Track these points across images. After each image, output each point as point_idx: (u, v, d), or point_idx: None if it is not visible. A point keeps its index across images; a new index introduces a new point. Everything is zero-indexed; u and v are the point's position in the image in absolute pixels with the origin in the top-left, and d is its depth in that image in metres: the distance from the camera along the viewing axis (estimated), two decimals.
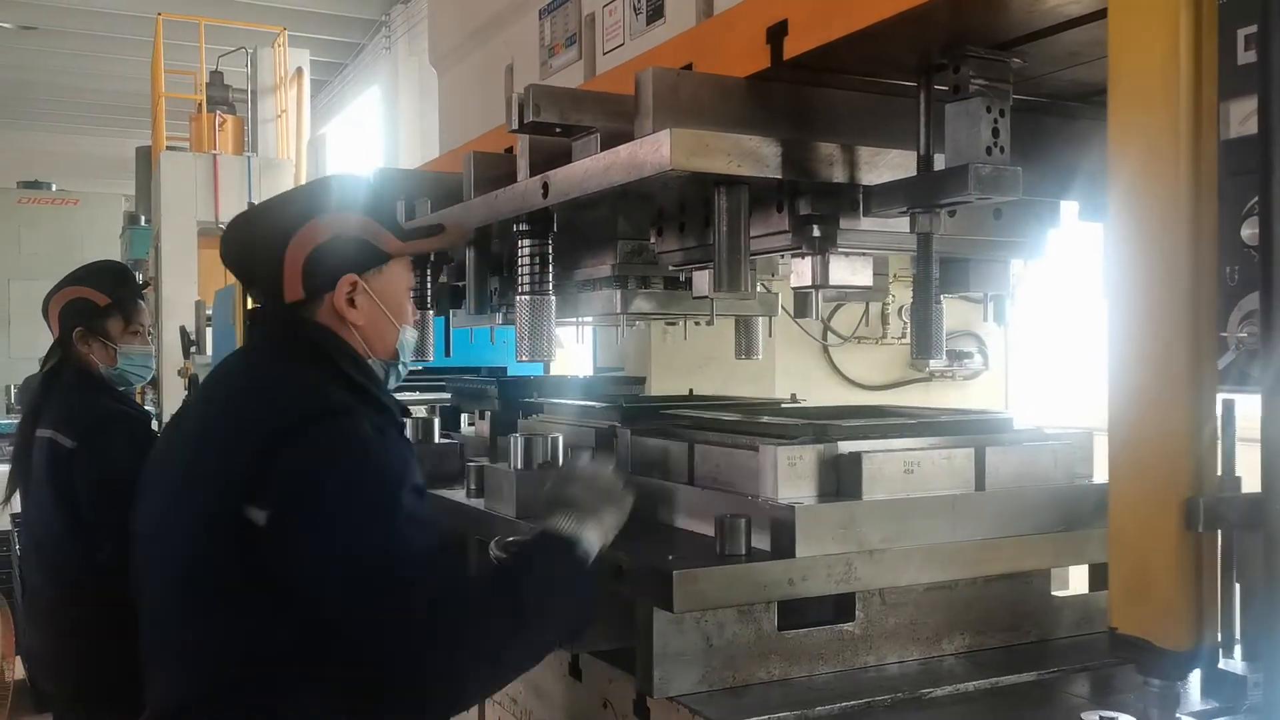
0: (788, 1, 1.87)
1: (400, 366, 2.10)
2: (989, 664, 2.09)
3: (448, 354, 3.51)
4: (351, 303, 1.98)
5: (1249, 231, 1.22)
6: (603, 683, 2.10)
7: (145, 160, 13.71)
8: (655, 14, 2.41)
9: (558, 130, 2.18)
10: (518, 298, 2.40)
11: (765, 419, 2.31)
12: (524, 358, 2.42)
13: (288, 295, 1.96)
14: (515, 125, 2.12)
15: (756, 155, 1.86)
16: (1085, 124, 2.21)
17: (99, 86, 18.52)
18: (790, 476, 2.01)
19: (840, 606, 2.05)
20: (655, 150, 1.80)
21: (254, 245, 2.02)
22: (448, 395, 4.06)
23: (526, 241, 2.38)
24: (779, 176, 1.90)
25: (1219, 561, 1.27)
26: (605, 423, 2.69)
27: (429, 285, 3.15)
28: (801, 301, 2.51)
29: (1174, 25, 1.17)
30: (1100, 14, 1.61)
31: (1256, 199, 1.18)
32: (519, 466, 2.38)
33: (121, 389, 3.61)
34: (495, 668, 1.82)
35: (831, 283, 2.14)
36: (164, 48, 12.95)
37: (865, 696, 1.90)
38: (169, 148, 12.75)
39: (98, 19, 15.39)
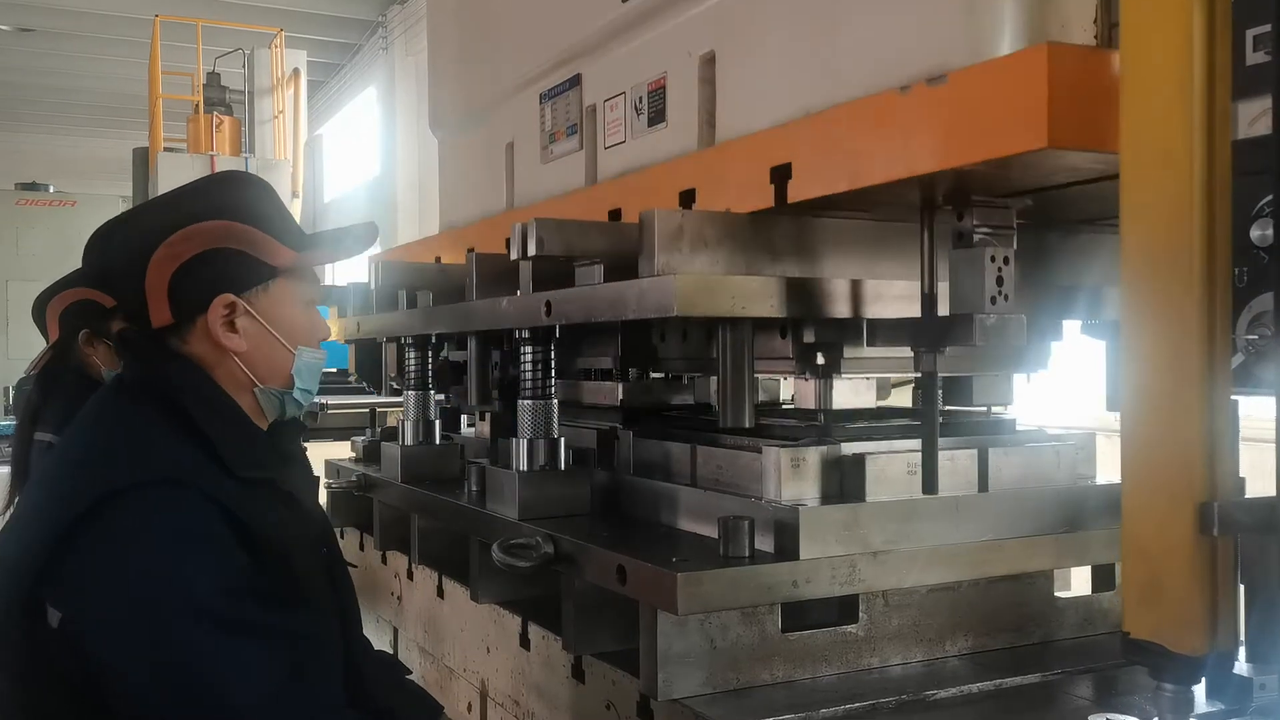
0: (790, 147, 1.87)
1: (299, 394, 1.84)
2: (993, 665, 2.08)
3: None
4: (231, 326, 1.73)
5: (1259, 233, 1.22)
6: (606, 685, 2.10)
7: (143, 161, 13.71)
8: (657, 117, 2.40)
9: (561, 259, 2.20)
10: (520, 401, 2.40)
11: (767, 420, 2.31)
12: (523, 467, 2.37)
13: (154, 319, 1.69)
14: (517, 255, 2.09)
15: (761, 296, 1.87)
16: (1086, 239, 2.22)
17: (96, 88, 18.53)
18: (793, 478, 2.01)
19: (844, 608, 2.05)
20: (660, 295, 1.82)
21: (114, 256, 1.75)
22: None
23: (529, 349, 2.38)
24: (783, 315, 1.92)
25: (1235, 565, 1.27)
26: (607, 424, 2.68)
27: (429, 363, 3.15)
28: None
29: (1187, 27, 1.17)
30: (1109, 176, 1.60)
31: (1266, 200, 1.18)
32: (521, 468, 2.37)
33: None
34: None
35: (834, 407, 2.17)
36: (161, 49, 12.96)
37: (869, 698, 1.90)
38: (166, 149, 12.76)
39: (95, 21, 15.39)
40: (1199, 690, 1.35)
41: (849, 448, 2.06)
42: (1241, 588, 1.59)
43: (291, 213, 1.89)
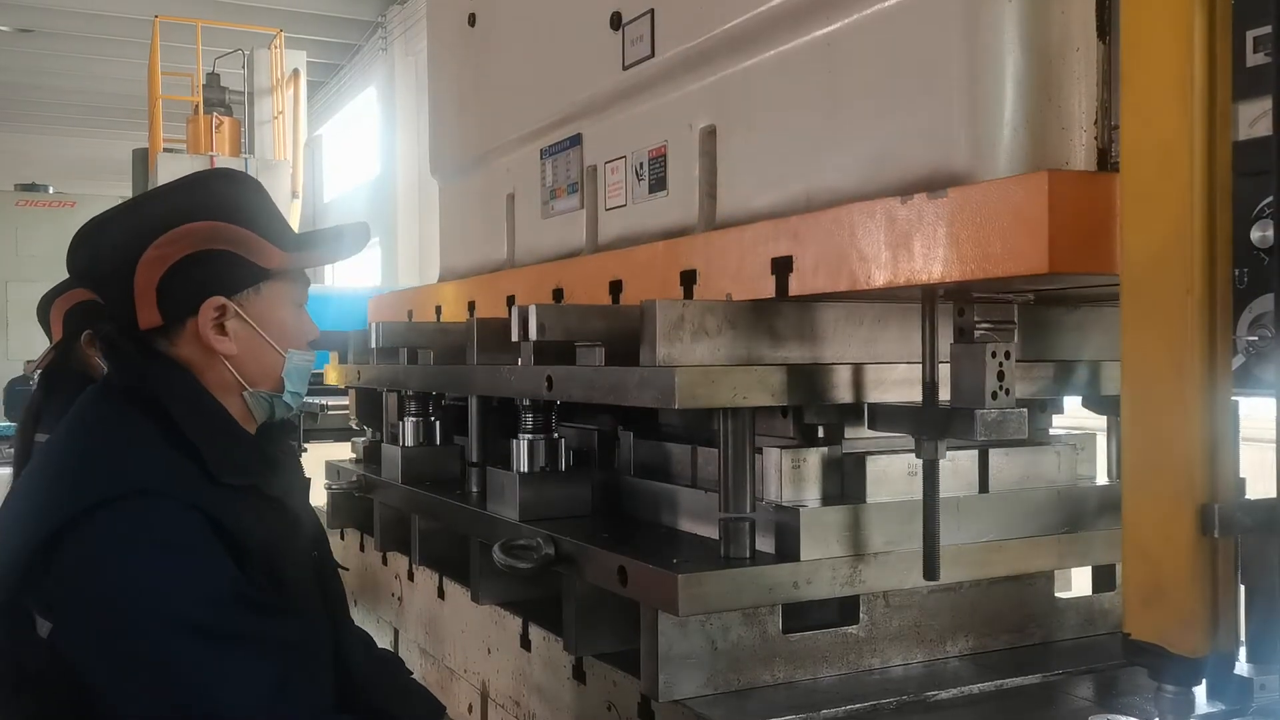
0: (791, 241, 1.85)
1: (289, 396, 1.81)
2: (994, 666, 2.08)
3: None
4: (221, 329, 1.70)
5: (1259, 234, 1.22)
6: (607, 685, 2.10)
7: (142, 162, 13.72)
8: (657, 184, 2.39)
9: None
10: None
11: (768, 420, 2.31)
12: (524, 468, 2.39)
13: (142, 321, 1.66)
14: (518, 338, 2.10)
15: (761, 386, 1.87)
16: (1084, 314, 2.22)
17: (96, 89, 18.54)
18: (794, 479, 2.01)
19: (845, 609, 2.05)
20: (661, 387, 1.83)
21: (102, 256, 1.70)
22: None
23: (530, 416, 2.39)
24: (784, 404, 1.92)
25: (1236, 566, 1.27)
26: (608, 425, 2.68)
27: (434, 414, 3.14)
28: None
29: (1188, 28, 1.17)
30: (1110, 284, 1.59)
31: (1267, 201, 1.18)
32: (522, 469, 2.37)
33: None
34: None
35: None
36: (161, 50, 12.97)
37: (870, 699, 1.90)
38: (166, 149, 12.77)
39: (95, 21, 15.41)
40: (1199, 691, 1.35)
41: (849, 448, 2.06)
42: (1242, 588, 1.60)
43: (281, 212, 1.87)
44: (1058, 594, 2.26)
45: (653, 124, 2.41)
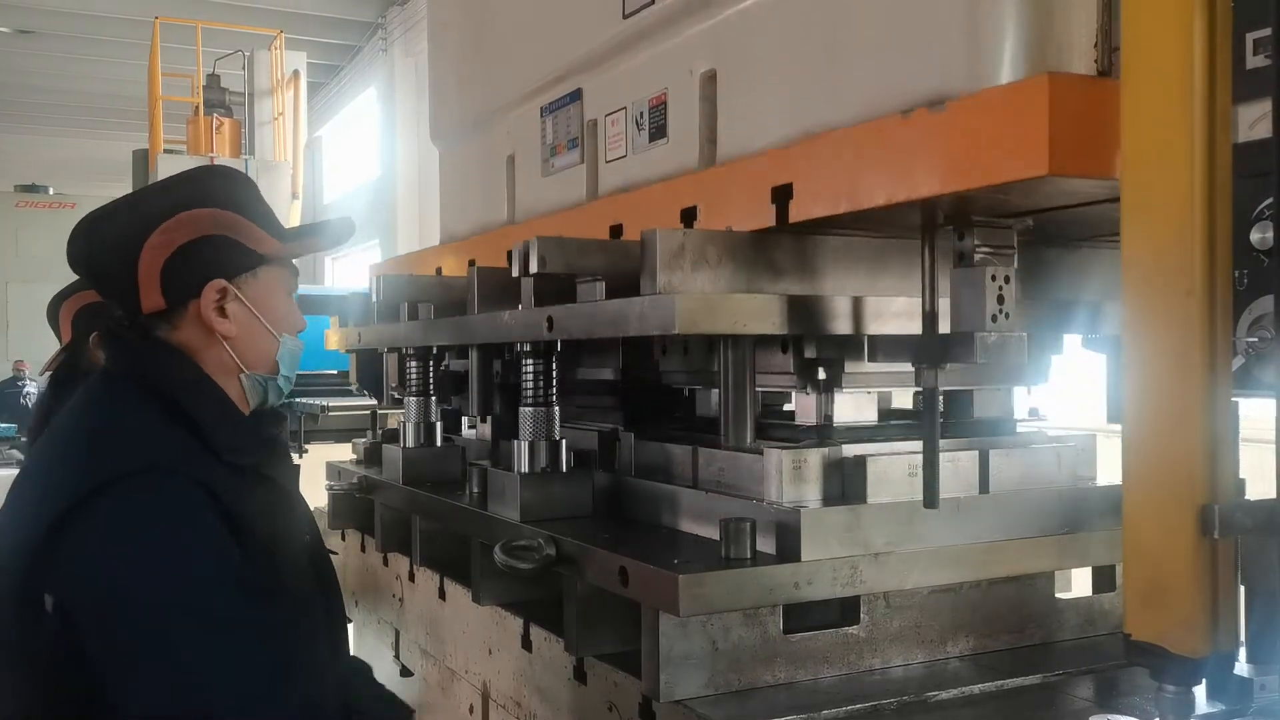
0: (791, 168, 1.87)
1: (281, 381, 1.88)
2: (994, 666, 2.09)
3: None
4: (221, 311, 1.76)
5: (1259, 235, 1.22)
6: (608, 686, 2.10)
7: (142, 163, 13.72)
8: (658, 133, 2.40)
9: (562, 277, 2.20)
10: (521, 409, 2.41)
11: (768, 422, 2.31)
12: (525, 469, 2.38)
13: (145, 304, 1.72)
14: (518, 273, 2.11)
15: (761, 314, 1.88)
16: (1085, 254, 2.23)
17: (96, 90, 18.53)
18: (795, 480, 2.01)
19: (845, 609, 2.05)
20: (662, 314, 1.83)
21: (104, 245, 1.76)
22: None
23: (530, 361, 2.39)
24: (784, 333, 1.92)
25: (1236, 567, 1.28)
26: (608, 426, 2.69)
27: (431, 373, 3.15)
28: None
29: (1188, 31, 1.17)
30: (1109, 199, 1.61)
31: (1266, 203, 1.19)
32: (523, 470, 2.38)
33: None
34: None
35: (836, 421, 2.17)
36: (161, 51, 12.97)
37: (871, 699, 1.90)
38: (166, 150, 12.77)
39: (95, 23, 15.41)
40: (1200, 691, 1.36)
41: (850, 450, 2.07)
42: (1242, 589, 1.60)
43: (281, 211, 1.94)
44: (1058, 594, 2.27)
45: (653, 72, 2.42)
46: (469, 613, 2.72)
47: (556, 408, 2.41)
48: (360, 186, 18.38)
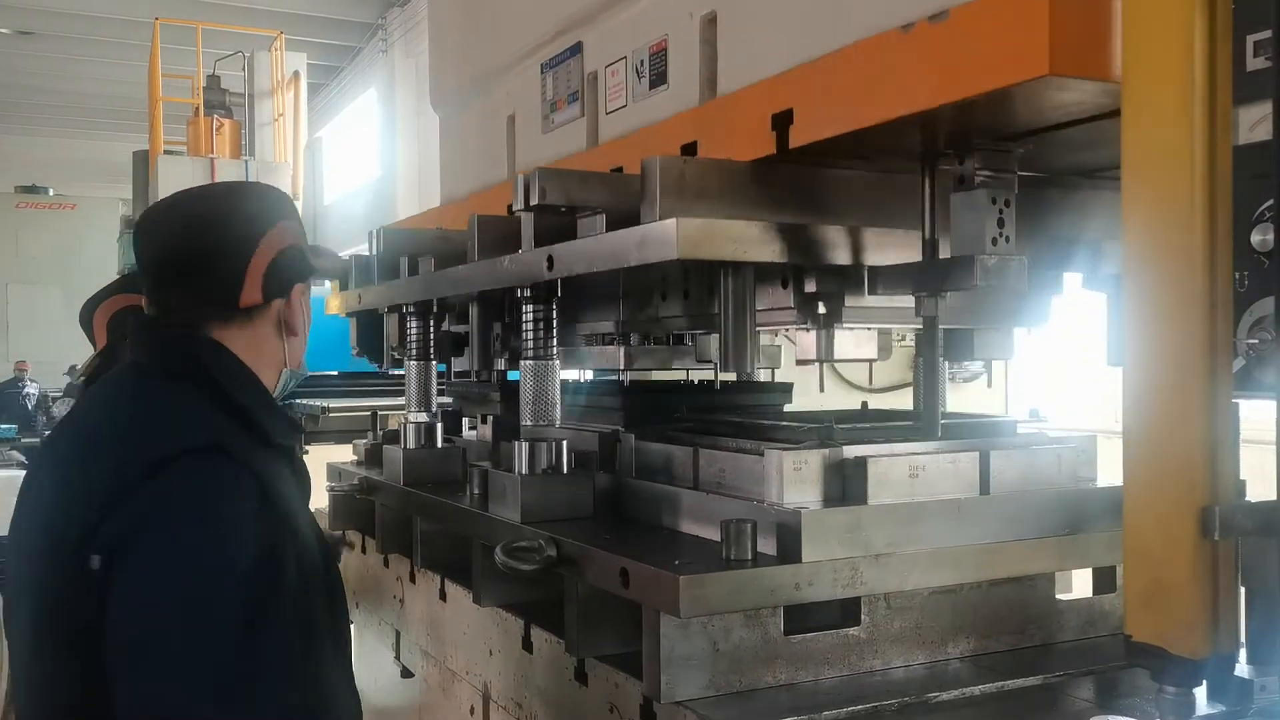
0: (792, 91, 1.88)
1: (301, 374, 2.10)
2: (995, 668, 2.09)
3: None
4: (293, 312, 1.98)
5: (1259, 237, 1.22)
6: (609, 687, 2.10)
7: (142, 164, 13.73)
8: (658, 79, 2.41)
9: (563, 210, 2.19)
10: (522, 362, 2.41)
11: (769, 423, 2.31)
12: (528, 421, 2.40)
13: (244, 299, 1.88)
14: (520, 206, 2.11)
15: (762, 241, 1.87)
16: (1086, 194, 2.23)
17: (96, 91, 18.53)
18: (795, 481, 2.01)
19: (846, 611, 2.05)
20: (661, 238, 1.82)
21: (206, 241, 1.89)
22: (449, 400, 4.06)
23: (530, 308, 2.39)
24: (784, 261, 1.92)
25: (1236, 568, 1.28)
26: (609, 427, 2.69)
27: (431, 333, 3.15)
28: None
29: (1188, 33, 1.18)
30: (1107, 114, 1.62)
31: (1267, 205, 1.19)
32: (524, 471, 2.38)
33: None
34: None
35: (836, 357, 2.16)
36: (161, 52, 12.97)
37: (872, 701, 1.90)
38: (166, 151, 12.78)
39: (95, 24, 15.40)
40: (1201, 692, 1.36)
41: (851, 451, 2.07)
42: (1243, 590, 1.60)
43: None
44: (1058, 595, 2.27)
45: (652, 20, 2.43)
46: (470, 614, 2.72)
47: (557, 361, 2.40)
48: (360, 187, 18.38)
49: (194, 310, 1.89)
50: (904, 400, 4.28)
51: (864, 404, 2.63)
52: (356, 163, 18.88)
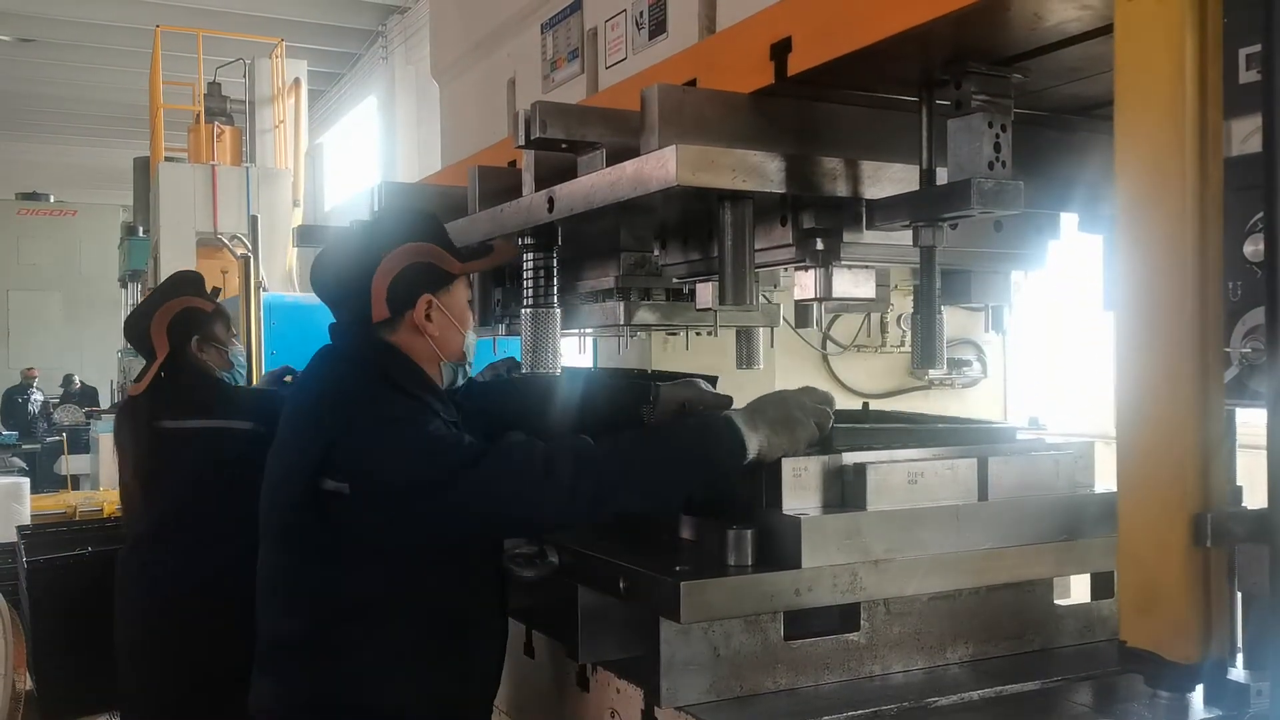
0: (791, 19, 1.89)
1: (467, 366, 2.39)
2: (993, 673, 2.10)
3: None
4: (428, 318, 2.27)
5: (1251, 248, 1.24)
6: (610, 693, 2.12)
7: (143, 171, 13.73)
8: (658, 29, 2.43)
9: (563, 146, 2.20)
10: (523, 310, 2.42)
11: None
12: (528, 368, 2.45)
13: (375, 315, 2.27)
14: (521, 141, 2.13)
15: (761, 170, 1.87)
16: (1083, 136, 2.23)
17: (97, 98, 18.52)
18: (795, 487, 2.03)
19: (845, 616, 2.07)
20: (661, 166, 1.81)
21: (342, 275, 2.32)
22: None
23: (531, 255, 2.40)
24: (783, 191, 1.92)
25: (1228, 575, 1.29)
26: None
27: None
28: (803, 312, 2.53)
29: (1180, 46, 1.19)
30: (1101, 31, 1.64)
31: (1258, 216, 1.20)
32: None
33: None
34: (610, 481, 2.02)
35: (835, 295, 2.15)
36: (162, 59, 12.97)
37: (871, 705, 1.92)
38: (167, 158, 12.78)
39: (96, 31, 15.39)
40: (1197, 697, 1.37)
41: (850, 457, 2.08)
42: (1239, 595, 1.62)
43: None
44: (1057, 601, 2.28)
45: None
46: None
47: (558, 310, 2.43)
48: (361, 193, 18.37)
49: (355, 325, 2.31)
50: (904, 406, 4.30)
51: (865, 404, 2.63)
52: (357, 169, 18.88)
